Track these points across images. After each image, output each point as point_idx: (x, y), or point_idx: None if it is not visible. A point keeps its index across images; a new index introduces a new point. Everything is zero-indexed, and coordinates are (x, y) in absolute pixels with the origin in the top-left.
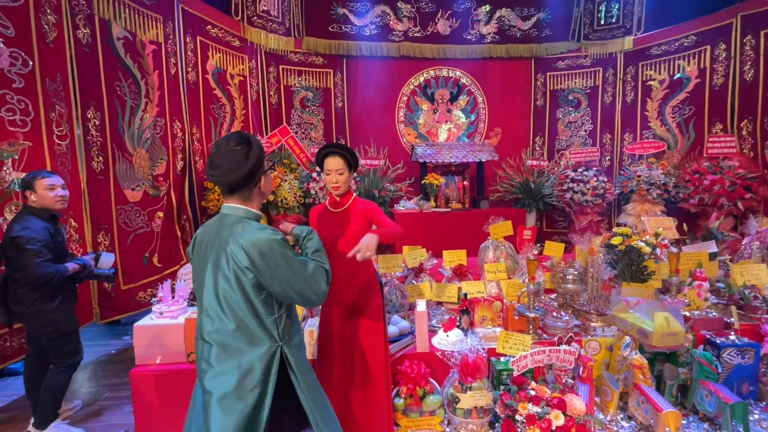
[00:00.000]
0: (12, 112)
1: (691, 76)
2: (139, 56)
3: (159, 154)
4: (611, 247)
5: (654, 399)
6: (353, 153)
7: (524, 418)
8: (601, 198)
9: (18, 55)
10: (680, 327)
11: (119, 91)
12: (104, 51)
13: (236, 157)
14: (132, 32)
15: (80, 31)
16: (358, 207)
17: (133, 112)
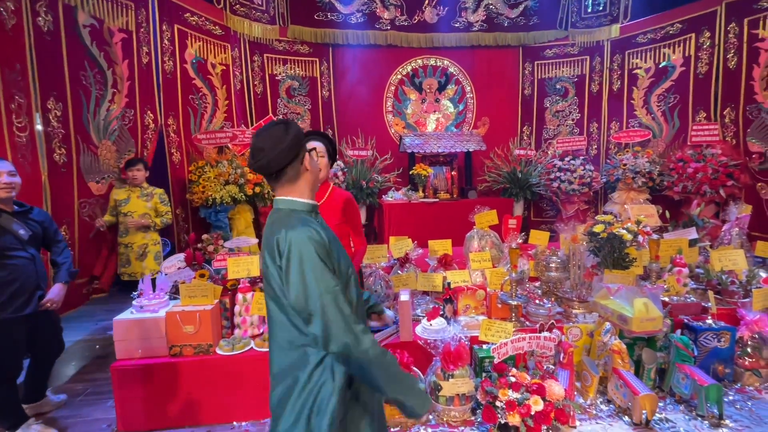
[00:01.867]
0: None
1: (676, 65)
2: (107, 45)
3: (127, 146)
4: (593, 235)
5: (631, 382)
6: (332, 140)
7: (504, 404)
8: (587, 187)
9: None
10: (658, 312)
11: (84, 81)
12: (68, 39)
13: (276, 134)
14: (99, 19)
15: (41, 18)
16: (336, 199)
17: (98, 103)
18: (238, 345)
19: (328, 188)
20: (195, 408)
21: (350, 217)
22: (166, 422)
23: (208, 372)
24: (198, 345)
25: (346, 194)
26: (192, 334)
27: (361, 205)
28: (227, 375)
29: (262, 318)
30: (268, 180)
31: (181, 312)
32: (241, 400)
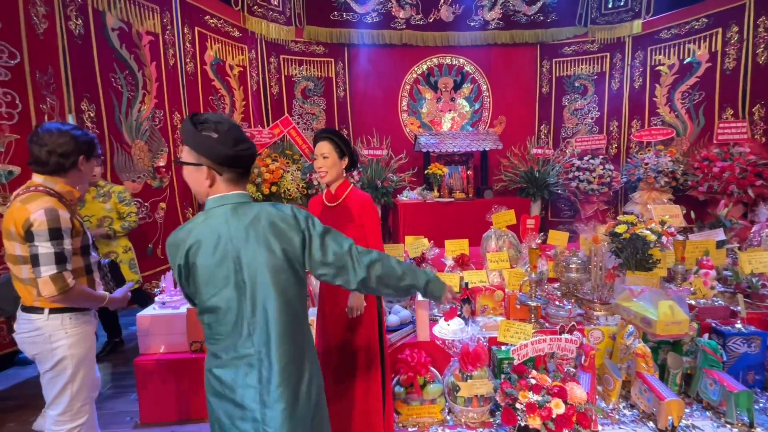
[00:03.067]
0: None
1: (702, 61)
2: (136, 47)
3: (159, 146)
4: (615, 236)
5: (657, 387)
6: (343, 137)
7: (524, 407)
8: (607, 186)
9: (4, 48)
10: (684, 315)
11: (115, 82)
12: (98, 42)
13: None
14: (128, 23)
15: (72, 23)
16: (353, 200)
17: (130, 104)
18: None
19: (347, 188)
20: None
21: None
22: (186, 416)
23: None
24: None
25: (363, 196)
26: None
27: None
28: None
29: None
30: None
31: None
32: None
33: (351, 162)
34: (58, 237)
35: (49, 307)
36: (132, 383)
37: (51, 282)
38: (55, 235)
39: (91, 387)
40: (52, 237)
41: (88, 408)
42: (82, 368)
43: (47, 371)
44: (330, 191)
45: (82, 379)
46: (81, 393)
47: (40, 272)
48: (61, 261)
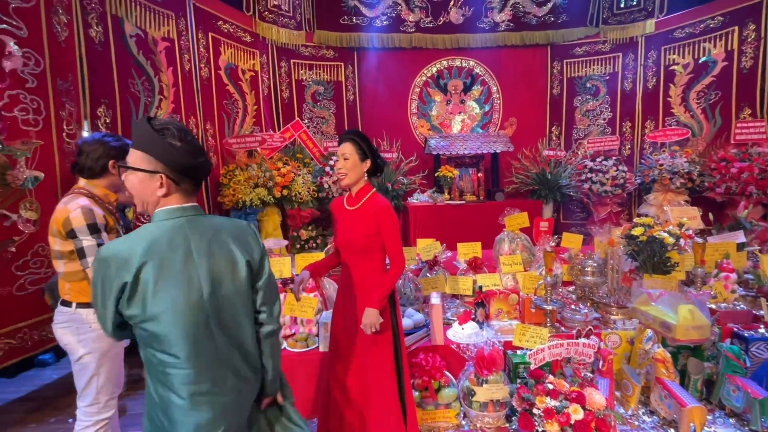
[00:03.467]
0: (25, 111)
1: (718, 59)
2: (152, 53)
3: None
4: (632, 238)
5: (678, 393)
6: (366, 139)
7: (542, 412)
8: (620, 188)
9: (30, 55)
10: (705, 320)
11: (132, 88)
12: (117, 49)
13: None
14: (144, 29)
15: (92, 30)
16: (372, 207)
17: (147, 109)
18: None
19: (368, 192)
20: None
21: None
22: None
23: None
24: None
25: (382, 203)
26: None
27: None
28: None
29: (294, 318)
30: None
31: None
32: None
33: (375, 166)
34: (96, 231)
35: (76, 302)
36: None
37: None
38: (94, 230)
39: (116, 383)
40: (92, 231)
41: (114, 403)
42: (105, 363)
43: (75, 362)
44: (351, 194)
45: (107, 373)
46: (107, 387)
47: (87, 263)
48: None
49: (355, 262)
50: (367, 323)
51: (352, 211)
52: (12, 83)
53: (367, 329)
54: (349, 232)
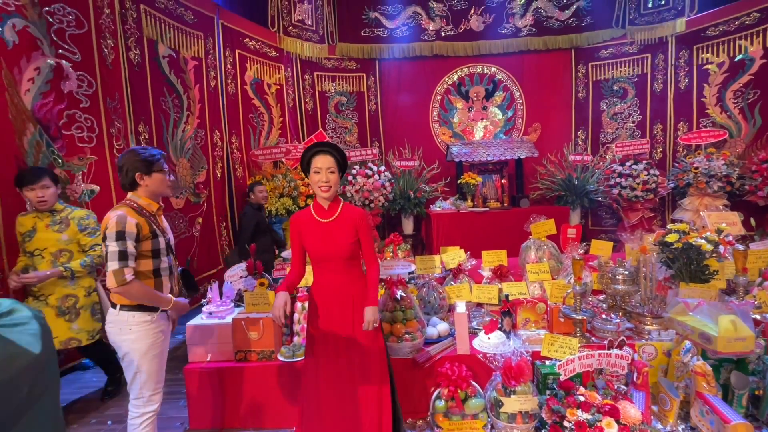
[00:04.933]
0: (80, 129)
1: (755, 57)
2: (182, 72)
3: (200, 163)
4: (666, 245)
5: (721, 409)
6: (343, 153)
7: (573, 425)
8: (652, 193)
9: (84, 77)
10: (749, 331)
11: (164, 105)
12: (152, 69)
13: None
14: (176, 50)
15: (132, 52)
16: (349, 216)
17: (176, 125)
18: (298, 352)
19: (340, 203)
20: (258, 411)
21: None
22: (233, 423)
23: (271, 377)
24: (261, 351)
25: (359, 211)
26: (256, 340)
27: (408, 215)
28: (288, 381)
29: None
30: None
31: (246, 319)
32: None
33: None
34: (121, 238)
35: (120, 303)
36: (182, 390)
37: (113, 275)
38: (120, 237)
39: (158, 379)
40: (117, 238)
41: (158, 398)
42: (145, 362)
43: (121, 359)
44: (321, 206)
45: (148, 371)
46: (149, 383)
47: (107, 267)
48: (123, 258)
49: (337, 270)
50: (370, 320)
51: (328, 222)
52: (69, 104)
53: (370, 326)
54: (330, 243)
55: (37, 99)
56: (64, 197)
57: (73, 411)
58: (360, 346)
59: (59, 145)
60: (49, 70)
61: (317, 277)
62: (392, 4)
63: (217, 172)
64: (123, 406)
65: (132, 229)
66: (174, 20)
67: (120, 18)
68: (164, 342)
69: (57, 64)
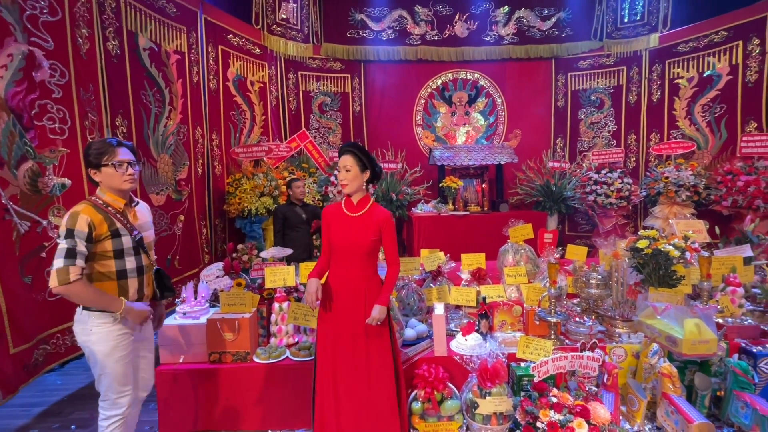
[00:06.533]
0: (52, 120)
1: (723, 73)
2: (164, 66)
3: (182, 160)
4: (637, 251)
5: (685, 410)
6: (365, 151)
7: (546, 426)
8: (626, 200)
9: (56, 66)
10: (712, 334)
11: (144, 99)
12: (131, 61)
13: None
14: (157, 43)
15: (110, 43)
16: (375, 215)
17: (157, 120)
18: (274, 354)
19: (369, 201)
20: (232, 414)
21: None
22: (205, 426)
23: (246, 379)
24: (236, 352)
25: (386, 212)
26: (231, 341)
27: None
28: (264, 383)
29: (297, 327)
30: None
31: (221, 319)
32: (277, 409)
33: (373, 174)
34: (70, 236)
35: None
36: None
37: (55, 274)
38: (69, 234)
39: (123, 382)
40: (67, 236)
41: (125, 401)
42: (109, 364)
43: (87, 359)
44: (351, 201)
45: (112, 373)
46: (114, 386)
47: (53, 264)
48: (69, 256)
49: (355, 263)
50: (375, 317)
51: (355, 217)
52: (41, 94)
53: (373, 321)
54: (353, 236)
55: (10, 87)
56: (34, 190)
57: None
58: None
59: (31, 135)
60: (22, 58)
61: (335, 268)
62: (378, 6)
63: (198, 169)
64: (87, 410)
65: (83, 228)
66: (155, 12)
67: (97, 7)
68: (131, 344)
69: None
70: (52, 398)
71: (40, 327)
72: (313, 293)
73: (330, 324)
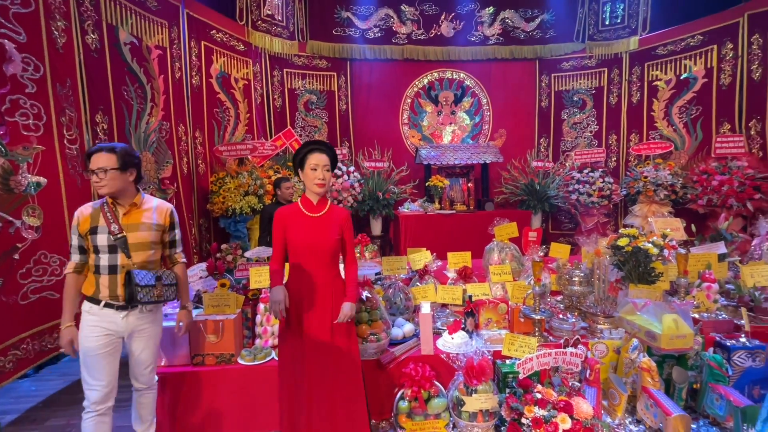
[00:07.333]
0: (25, 116)
1: (698, 76)
2: (145, 61)
3: (165, 158)
4: (618, 249)
5: (663, 402)
6: (335, 152)
7: (530, 422)
8: (607, 199)
9: (30, 60)
10: (689, 329)
11: (126, 95)
12: (112, 56)
13: None
14: (138, 37)
15: (89, 37)
16: (336, 214)
17: (139, 116)
18: (260, 355)
19: (328, 200)
20: (216, 417)
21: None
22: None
23: (230, 382)
24: (220, 354)
25: (346, 211)
26: (215, 343)
27: (377, 216)
28: (248, 385)
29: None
30: None
31: (204, 321)
32: (262, 411)
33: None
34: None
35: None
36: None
37: None
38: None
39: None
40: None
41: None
42: (81, 351)
43: None
44: (311, 202)
45: (82, 362)
46: (84, 376)
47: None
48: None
49: (320, 265)
50: (347, 313)
51: (317, 217)
52: (12, 88)
53: (345, 318)
54: (318, 237)
55: None
56: (6, 189)
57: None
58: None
59: (2, 132)
60: None
61: (296, 272)
62: (364, 4)
63: (183, 167)
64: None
65: (76, 222)
66: (136, 6)
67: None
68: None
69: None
70: (26, 405)
71: (10, 332)
72: (282, 302)
73: (295, 331)
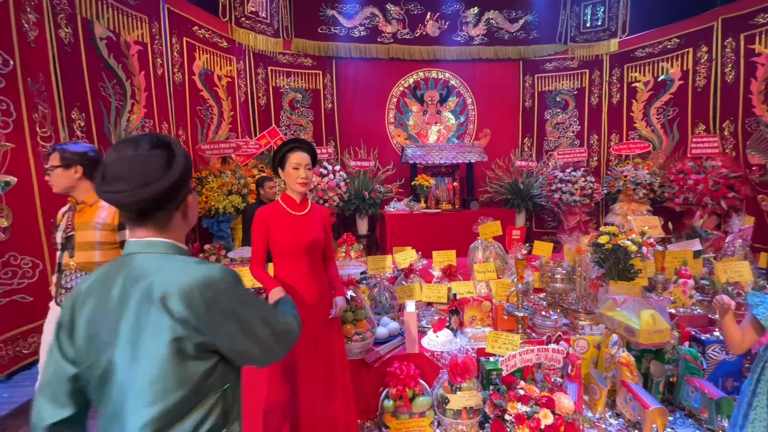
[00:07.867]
0: None
1: (675, 78)
2: (124, 56)
3: None
4: (598, 246)
5: (641, 396)
6: (315, 151)
7: (513, 418)
8: (589, 198)
9: None
10: (666, 324)
11: (103, 91)
12: (87, 51)
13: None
14: (116, 32)
15: (62, 31)
16: (318, 211)
17: (118, 113)
18: None
19: (309, 199)
20: None
21: (328, 231)
22: None
23: None
24: None
25: (325, 208)
26: None
27: (363, 215)
28: None
29: None
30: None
31: None
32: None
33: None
34: None
35: None
36: None
37: None
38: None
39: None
40: None
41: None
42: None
43: None
44: (294, 200)
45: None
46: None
47: None
48: None
49: (305, 263)
50: (341, 306)
51: (302, 216)
52: None
53: (339, 312)
54: (303, 235)
55: None
56: None
57: None
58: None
59: None
60: None
61: (283, 271)
62: (350, 3)
63: None
64: None
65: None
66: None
67: None
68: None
69: None
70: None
71: None
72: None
73: None
